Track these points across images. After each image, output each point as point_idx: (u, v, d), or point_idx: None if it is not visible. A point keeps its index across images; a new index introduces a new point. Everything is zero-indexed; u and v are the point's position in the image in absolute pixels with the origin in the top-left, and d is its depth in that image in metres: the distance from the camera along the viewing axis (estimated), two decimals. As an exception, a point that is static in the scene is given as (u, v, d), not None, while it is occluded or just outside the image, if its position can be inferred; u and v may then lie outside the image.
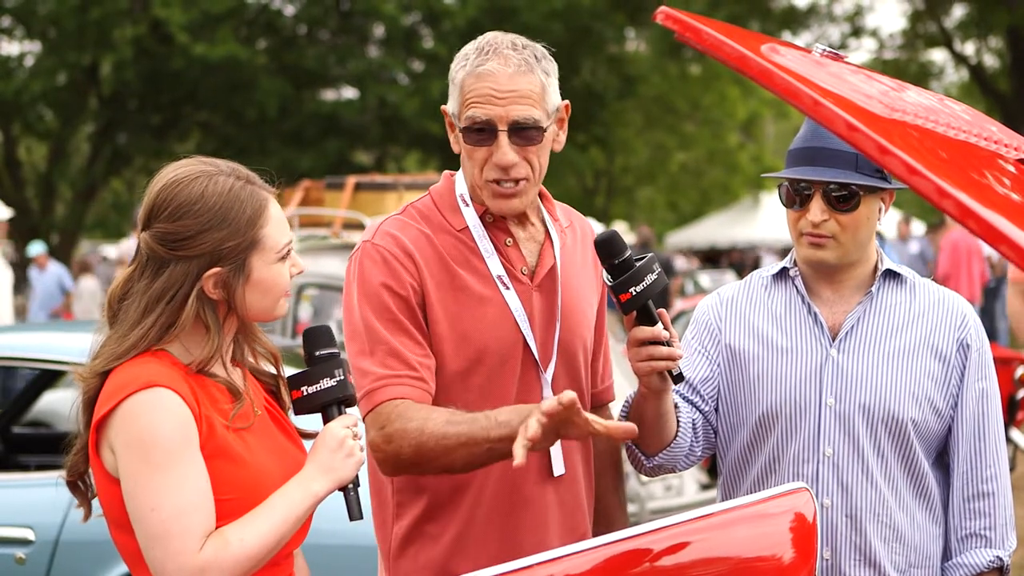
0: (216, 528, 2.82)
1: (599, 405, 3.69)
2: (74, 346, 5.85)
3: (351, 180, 10.20)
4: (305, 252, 9.07)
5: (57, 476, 3.11)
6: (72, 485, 3.00)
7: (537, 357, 3.41)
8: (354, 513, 2.98)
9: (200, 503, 2.80)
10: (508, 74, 3.30)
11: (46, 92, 28.73)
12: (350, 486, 2.97)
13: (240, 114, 29.34)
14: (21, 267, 22.13)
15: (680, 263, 28.33)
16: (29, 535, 5.60)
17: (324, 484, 2.93)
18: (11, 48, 30.23)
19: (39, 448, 7.74)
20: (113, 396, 2.83)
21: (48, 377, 7.77)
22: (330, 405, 3.02)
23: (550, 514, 3.46)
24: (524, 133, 3.32)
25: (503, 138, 3.31)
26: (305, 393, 3.03)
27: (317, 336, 3.07)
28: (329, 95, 31.99)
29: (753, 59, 2.23)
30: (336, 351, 3.05)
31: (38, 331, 8.17)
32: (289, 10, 30.64)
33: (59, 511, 5.58)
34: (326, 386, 3.02)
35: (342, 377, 3.02)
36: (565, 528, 3.47)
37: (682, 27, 2.28)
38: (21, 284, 21.18)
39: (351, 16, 30.40)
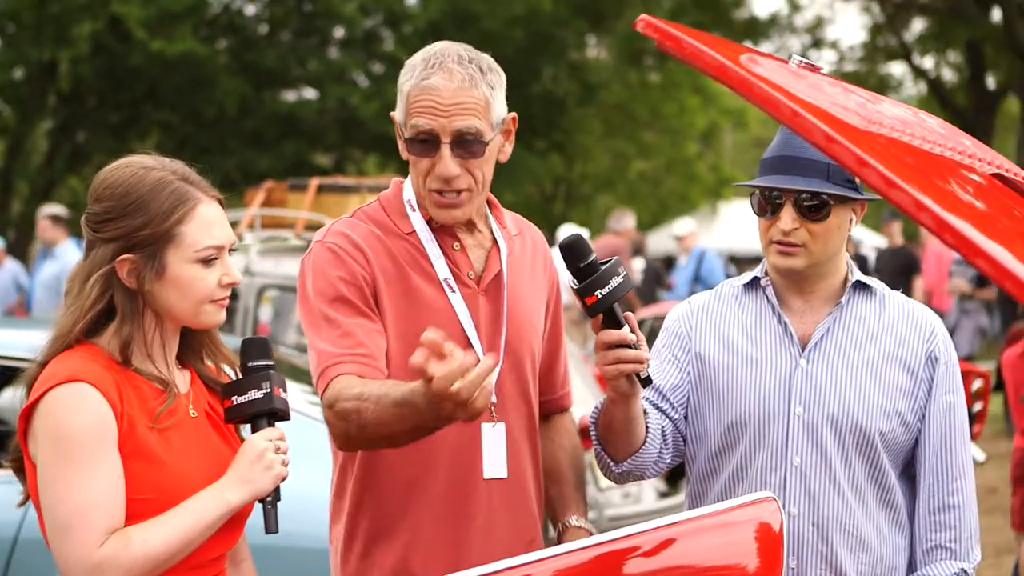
0: (126, 527, 2.84)
1: (558, 411, 3.70)
2: (27, 343, 5.79)
3: (314, 182, 10.20)
4: (267, 253, 9.04)
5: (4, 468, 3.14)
6: (17, 470, 3.03)
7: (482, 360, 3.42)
8: (271, 526, 3.00)
9: (107, 500, 2.82)
10: (452, 88, 3.34)
11: (3, 87, 28.49)
12: (268, 499, 2.98)
13: (200, 113, 29.18)
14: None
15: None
16: (-15, 533, 5.54)
17: (239, 494, 2.94)
18: (-32, 43, 29.96)
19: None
20: (38, 388, 2.88)
21: (5, 375, 7.69)
22: (258, 417, 3.04)
23: (496, 518, 3.46)
24: (466, 146, 3.36)
25: (445, 150, 3.36)
26: (234, 403, 3.06)
27: (252, 348, 3.11)
28: (289, 96, 31.83)
29: (733, 69, 2.23)
30: (270, 363, 3.08)
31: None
32: (251, 10, 30.49)
33: (16, 508, 5.52)
34: (252, 398, 3.05)
35: (269, 390, 3.04)
36: (512, 534, 3.47)
37: (662, 35, 2.29)
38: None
39: (313, 18, 30.27)
